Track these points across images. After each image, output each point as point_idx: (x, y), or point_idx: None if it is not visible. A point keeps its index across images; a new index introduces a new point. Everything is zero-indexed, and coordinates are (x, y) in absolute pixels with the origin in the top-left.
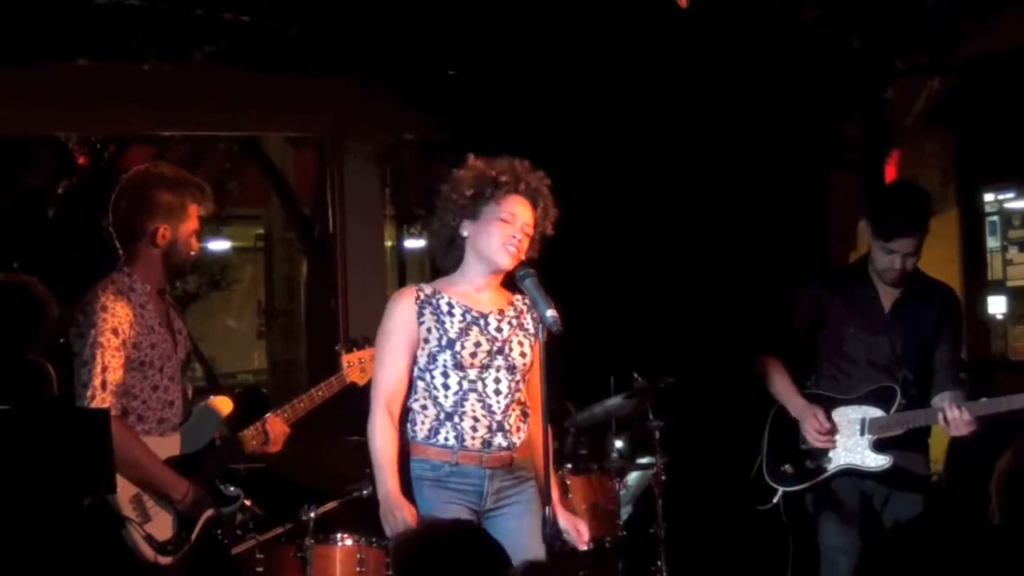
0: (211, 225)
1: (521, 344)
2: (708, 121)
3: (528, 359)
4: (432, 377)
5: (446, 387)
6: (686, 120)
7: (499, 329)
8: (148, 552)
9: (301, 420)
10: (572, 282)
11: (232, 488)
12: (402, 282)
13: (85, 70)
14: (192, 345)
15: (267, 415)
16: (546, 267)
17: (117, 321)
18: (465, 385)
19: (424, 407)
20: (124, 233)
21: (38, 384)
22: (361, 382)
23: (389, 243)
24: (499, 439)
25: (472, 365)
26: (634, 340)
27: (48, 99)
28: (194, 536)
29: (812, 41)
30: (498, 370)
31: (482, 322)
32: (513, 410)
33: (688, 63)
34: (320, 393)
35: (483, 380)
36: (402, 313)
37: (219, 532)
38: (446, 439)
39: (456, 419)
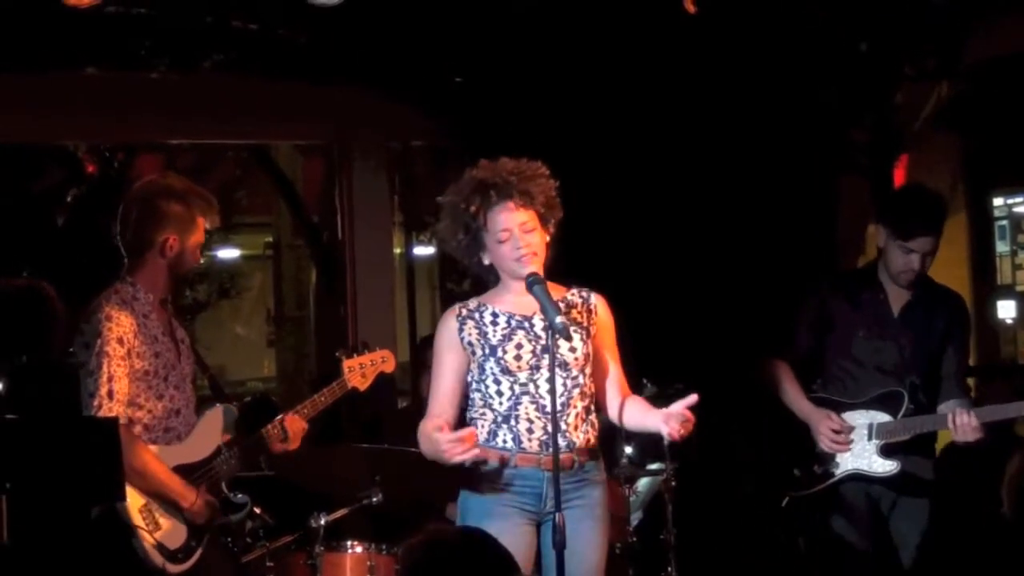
0: (220, 233)
1: (570, 339)
2: (716, 126)
3: (580, 353)
4: (486, 386)
5: (499, 393)
6: (694, 124)
7: (545, 329)
8: (158, 560)
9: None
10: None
11: (240, 496)
12: (411, 288)
13: (94, 78)
14: (195, 355)
15: (281, 415)
16: (556, 273)
17: (122, 331)
18: (517, 389)
19: (483, 414)
20: (132, 243)
21: (67, 385)
22: (362, 387)
23: (398, 250)
24: (558, 440)
25: (520, 368)
26: (643, 345)
27: (57, 107)
28: (203, 544)
29: (820, 46)
30: (549, 369)
31: (527, 324)
32: (572, 408)
33: (696, 68)
34: (323, 399)
35: (534, 382)
36: (445, 333)
37: (229, 540)
38: (504, 441)
39: (512, 422)
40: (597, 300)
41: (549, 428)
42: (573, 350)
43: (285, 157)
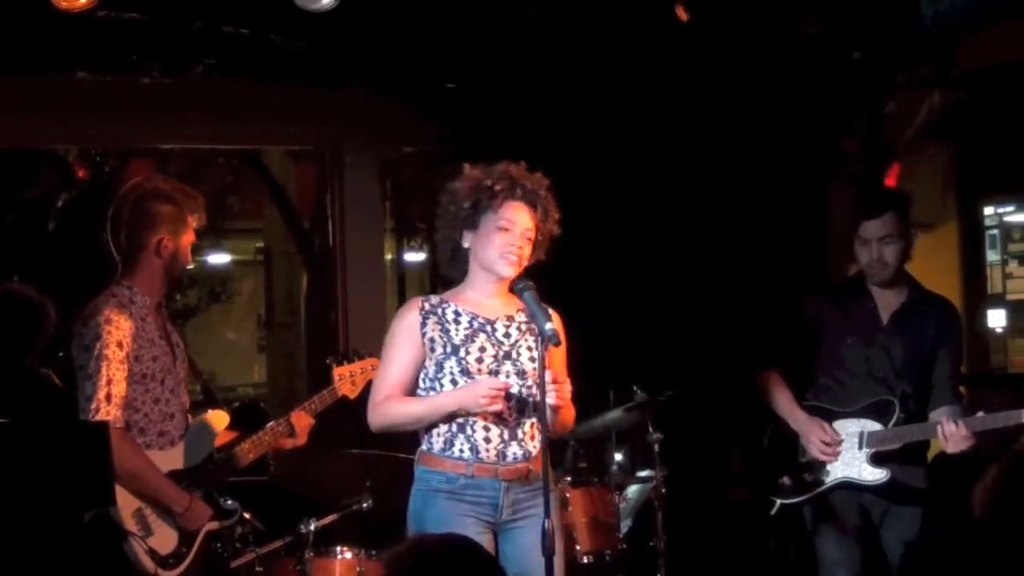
0: (211, 238)
1: (531, 349)
2: (709, 134)
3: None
4: (441, 386)
5: None
6: (686, 133)
7: (507, 335)
8: (150, 565)
9: None
10: (572, 294)
11: (230, 501)
12: (402, 295)
13: (85, 83)
14: (189, 360)
15: (271, 423)
16: (546, 279)
17: (121, 334)
18: None
19: (438, 422)
20: (126, 246)
21: (44, 395)
22: (352, 395)
23: (389, 256)
24: (514, 448)
25: (480, 371)
26: (634, 353)
27: (48, 112)
28: (194, 550)
29: (812, 54)
30: (507, 376)
31: (489, 328)
32: (528, 417)
33: (688, 76)
34: (312, 406)
35: None
36: (405, 323)
37: (219, 545)
38: (460, 451)
39: (469, 430)
40: (552, 313)
41: (506, 437)
42: (533, 359)
43: (277, 162)
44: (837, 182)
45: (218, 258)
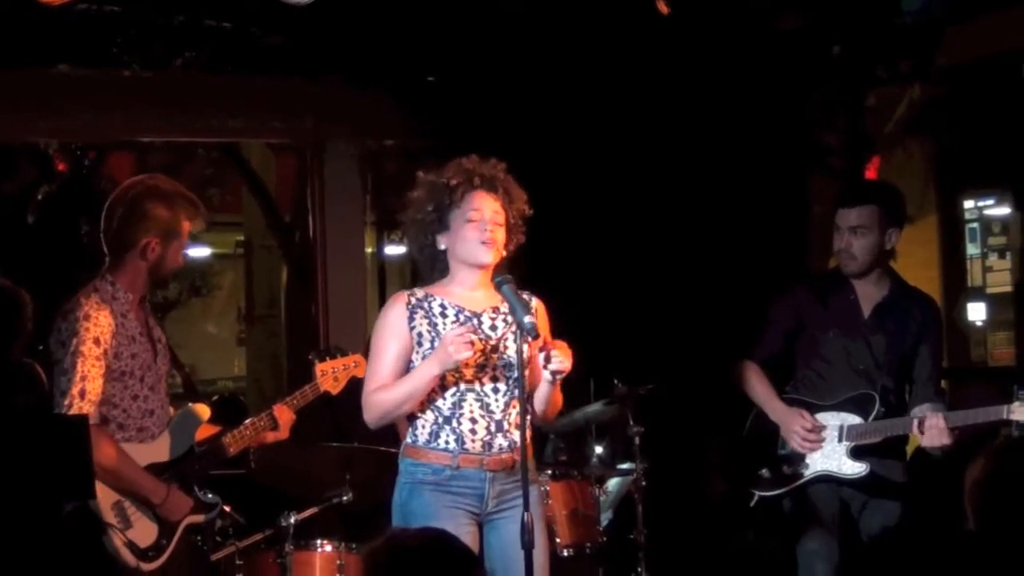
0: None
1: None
2: (689, 128)
3: (526, 355)
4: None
5: (443, 388)
6: (667, 126)
7: (493, 327)
8: (129, 558)
9: None
10: (552, 287)
11: (211, 495)
12: (382, 288)
13: (65, 76)
14: (171, 354)
15: (251, 418)
16: (526, 272)
17: (100, 330)
18: (462, 386)
19: (423, 411)
20: (114, 242)
21: (28, 387)
22: (335, 391)
23: (370, 249)
24: (500, 440)
25: (467, 364)
26: (614, 346)
27: (28, 106)
28: (174, 542)
29: (793, 49)
30: (494, 368)
31: (475, 321)
32: (513, 407)
33: (669, 69)
34: (295, 402)
35: (480, 379)
36: (393, 318)
37: (199, 538)
38: (446, 443)
39: (455, 422)
40: (538, 303)
41: (492, 428)
42: (519, 352)
43: (257, 156)
44: (818, 175)
45: (198, 251)
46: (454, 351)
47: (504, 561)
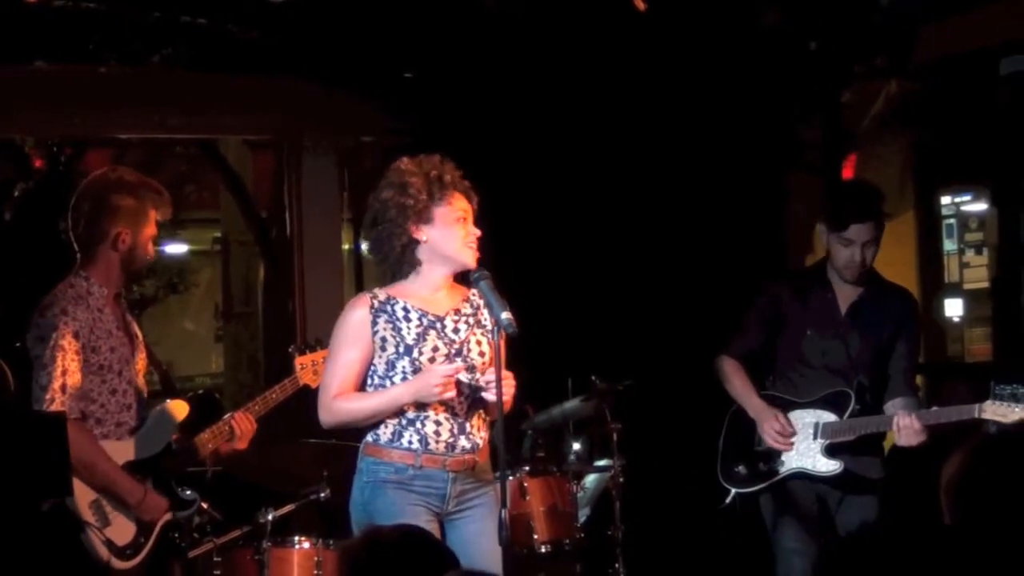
0: (168, 228)
1: (479, 343)
2: (666, 124)
3: (487, 357)
4: (392, 383)
5: None
6: (644, 122)
7: (456, 331)
8: (106, 556)
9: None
10: (529, 284)
11: (188, 492)
12: (359, 284)
13: (41, 73)
14: (148, 351)
15: (231, 413)
16: (503, 268)
17: (78, 325)
18: None
19: (389, 416)
20: (84, 237)
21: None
22: (314, 384)
23: (347, 246)
24: (463, 441)
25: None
26: (592, 342)
27: (4, 102)
28: (152, 540)
29: (771, 45)
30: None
31: (439, 325)
32: (475, 410)
33: (647, 65)
34: (274, 396)
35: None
36: (355, 321)
37: (176, 536)
38: (410, 442)
39: (419, 423)
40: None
41: (455, 430)
42: (482, 354)
43: (234, 152)
44: (795, 172)
45: (175, 248)
46: (439, 392)
47: (465, 559)
